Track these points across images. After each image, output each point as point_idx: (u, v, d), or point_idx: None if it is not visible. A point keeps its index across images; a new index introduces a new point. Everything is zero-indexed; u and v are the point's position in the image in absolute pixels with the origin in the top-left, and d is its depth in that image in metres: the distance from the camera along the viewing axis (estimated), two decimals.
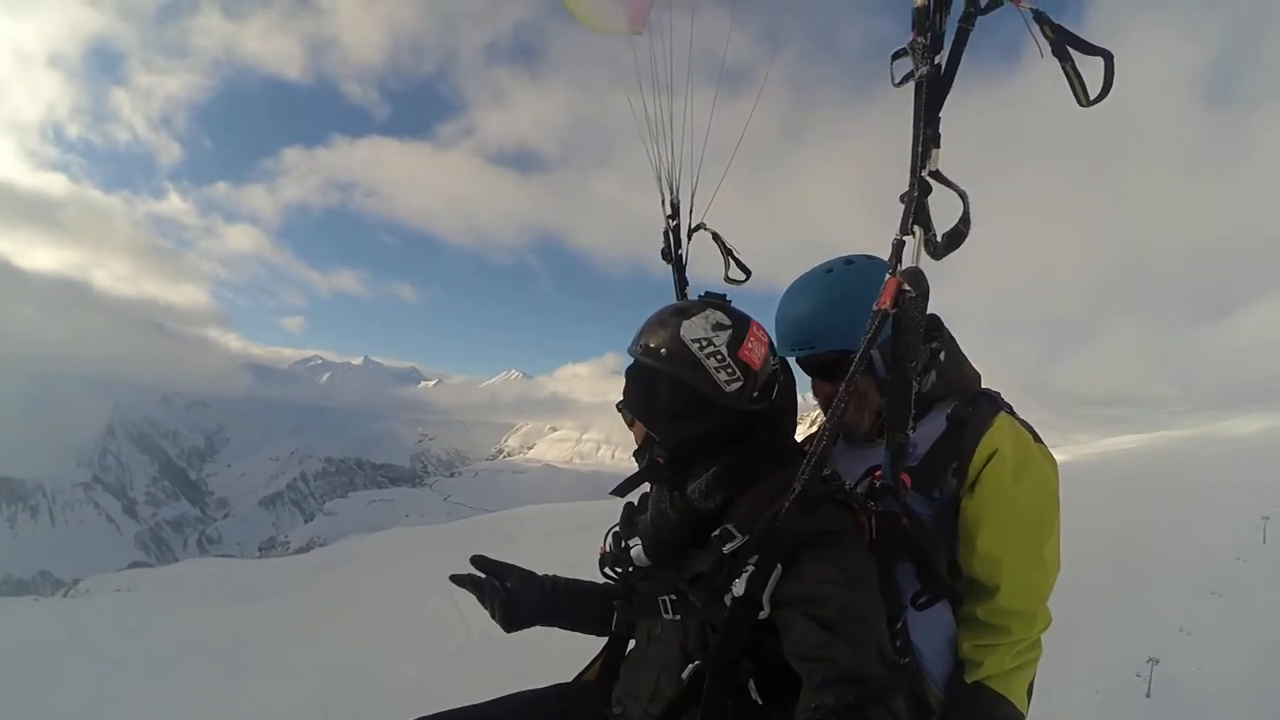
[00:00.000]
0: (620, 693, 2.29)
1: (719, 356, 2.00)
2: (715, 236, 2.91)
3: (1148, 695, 6.22)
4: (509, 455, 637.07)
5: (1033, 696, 2.20)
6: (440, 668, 9.14)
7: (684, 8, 2.77)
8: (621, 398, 2.23)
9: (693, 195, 2.91)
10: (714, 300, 2.17)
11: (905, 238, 1.85)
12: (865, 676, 1.63)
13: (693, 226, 2.96)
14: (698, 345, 2.01)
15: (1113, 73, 1.65)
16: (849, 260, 2.37)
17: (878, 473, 1.99)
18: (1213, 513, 13.39)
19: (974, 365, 2.36)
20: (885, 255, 1.95)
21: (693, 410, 2.04)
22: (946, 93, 1.77)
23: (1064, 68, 1.69)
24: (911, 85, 1.79)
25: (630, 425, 2.23)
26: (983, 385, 2.32)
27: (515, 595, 2.37)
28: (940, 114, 1.77)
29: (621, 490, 2.27)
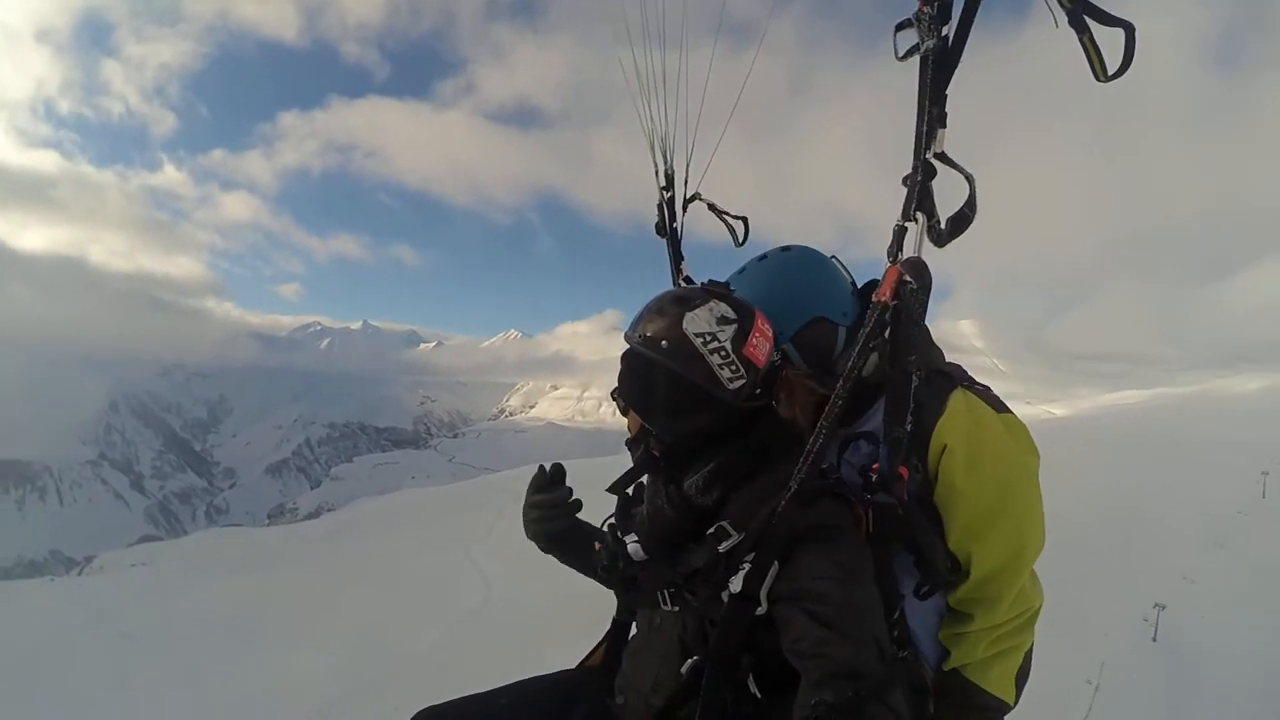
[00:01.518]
0: (622, 681, 2.28)
1: (723, 353, 1.92)
2: (711, 206, 2.81)
3: (1154, 639, 6.45)
4: (511, 415, 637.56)
5: (1028, 677, 2.15)
6: (461, 627, 9.24)
7: None
8: (616, 385, 2.14)
9: (688, 165, 2.76)
10: (718, 290, 2.06)
11: (907, 224, 1.78)
12: (864, 673, 1.62)
13: (688, 198, 2.84)
14: (701, 340, 1.92)
15: (1134, 45, 1.50)
16: (785, 249, 2.35)
17: (874, 466, 1.91)
18: (1213, 468, 13.59)
19: (936, 341, 2.24)
20: (892, 239, 1.88)
21: (692, 406, 1.97)
22: (954, 68, 1.64)
23: (1081, 39, 1.54)
24: (916, 60, 1.68)
25: (624, 414, 2.16)
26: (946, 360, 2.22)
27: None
28: (947, 91, 1.65)
29: (618, 486, 2.24)
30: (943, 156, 1.69)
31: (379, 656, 8.77)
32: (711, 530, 1.88)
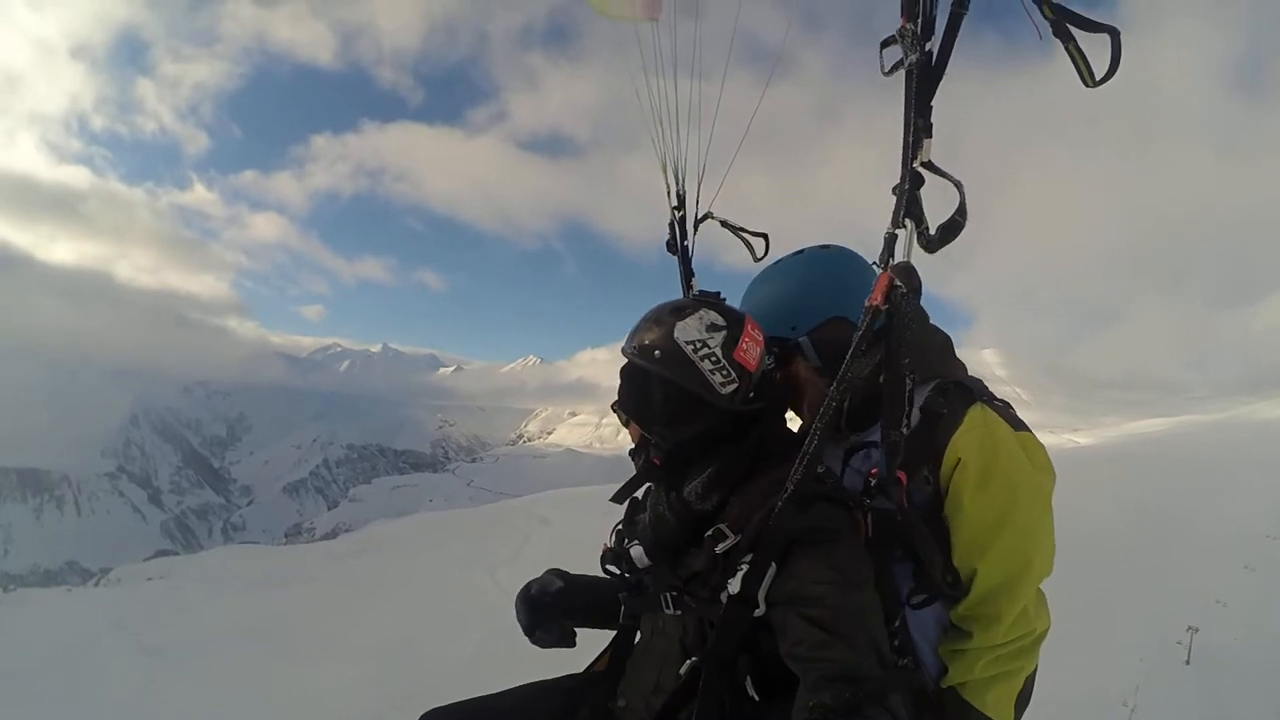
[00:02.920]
0: (624, 685, 2.31)
1: (714, 359, 2.00)
2: (724, 223, 2.85)
3: (1187, 662, 6.40)
4: (529, 440, 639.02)
5: (1027, 702, 2.11)
6: (490, 645, 9.26)
7: None
8: (616, 398, 2.22)
9: (699, 185, 2.84)
10: (708, 299, 2.16)
11: (897, 231, 1.82)
12: (862, 676, 1.63)
13: (699, 216, 2.89)
14: (692, 347, 2.00)
15: (1119, 49, 1.53)
16: (824, 247, 2.38)
17: (873, 470, 1.92)
18: (1243, 492, 13.49)
19: (956, 352, 2.26)
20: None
21: (688, 413, 2.05)
22: (938, 81, 1.70)
23: (1066, 48, 1.58)
24: (901, 74, 1.72)
25: (626, 425, 2.21)
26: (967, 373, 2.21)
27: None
28: (932, 103, 1.71)
29: (620, 496, 2.32)
30: (930, 165, 1.73)
31: (409, 670, 8.76)
32: (710, 533, 1.92)
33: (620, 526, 2.35)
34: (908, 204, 1.76)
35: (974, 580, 1.91)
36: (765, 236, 2.76)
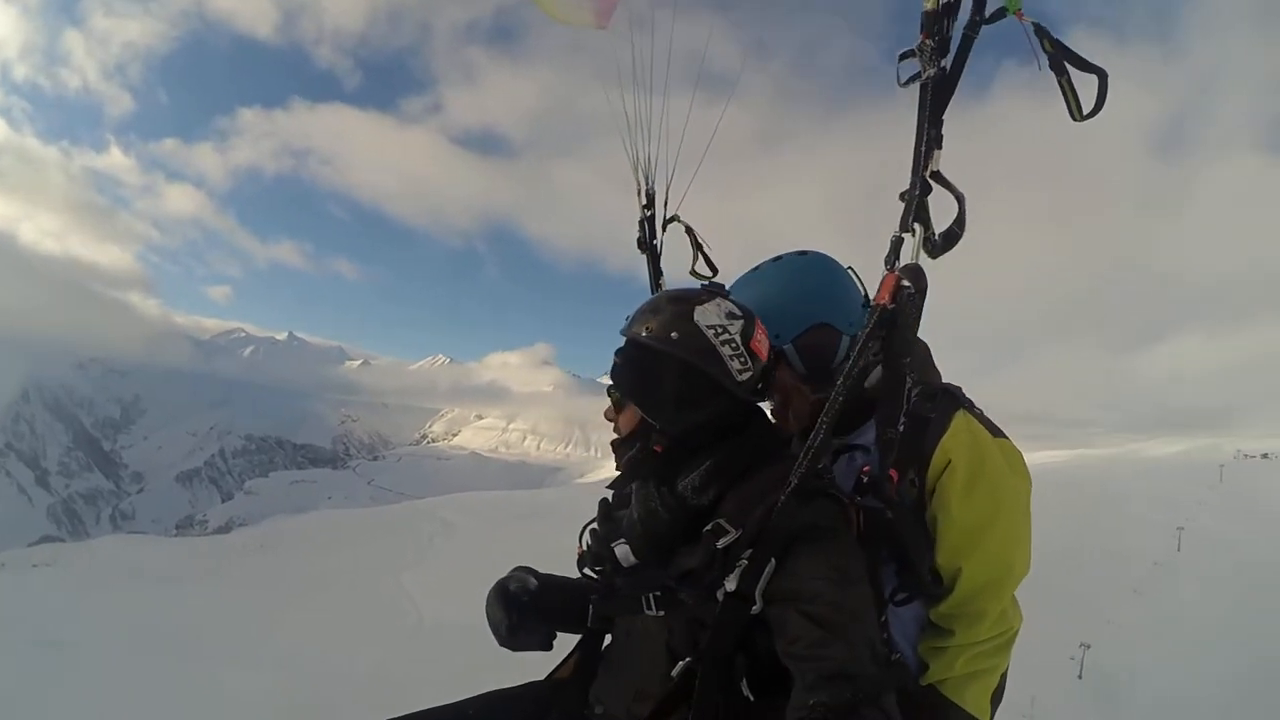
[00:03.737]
0: (600, 691, 2.23)
1: (734, 344, 1.97)
2: (688, 230, 2.88)
3: (1080, 676, 6.81)
4: (433, 441, 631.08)
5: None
6: (398, 652, 9.11)
7: (667, 5, 2.73)
8: (613, 380, 2.14)
9: (668, 188, 2.89)
10: (720, 290, 2.15)
11: (904, 235, 1.89)
12: (859, 675, 1.61)
13: (667, 218, 2.93)
14: (713, 331, 1.97)
15: (1106, 90, 1.68)
16: (802, 253, 2.40)
17: (865, 468, 1.97)
18: (1133, 522, 14.30)
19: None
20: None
21: (701, 396, 2.00)
22: (951, 95, 1.80)
23: (1060, 81, 1.72)
24: (914, 86, 1.82)
25: (618, 411, 2.15)
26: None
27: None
28: (943, 116, 1.81)
29: (619, 484, 2.23)
30: (938, 176, 1.83)
31: (318, 680, 8.51)
32: (709, 527, 1.87)
33: (593, 527, 2.25)
34: (916, 209, 1.85)
35: (958, 580, 1.98)
36: (715, 269, 2.83)
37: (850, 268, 2.39)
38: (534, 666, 2.42)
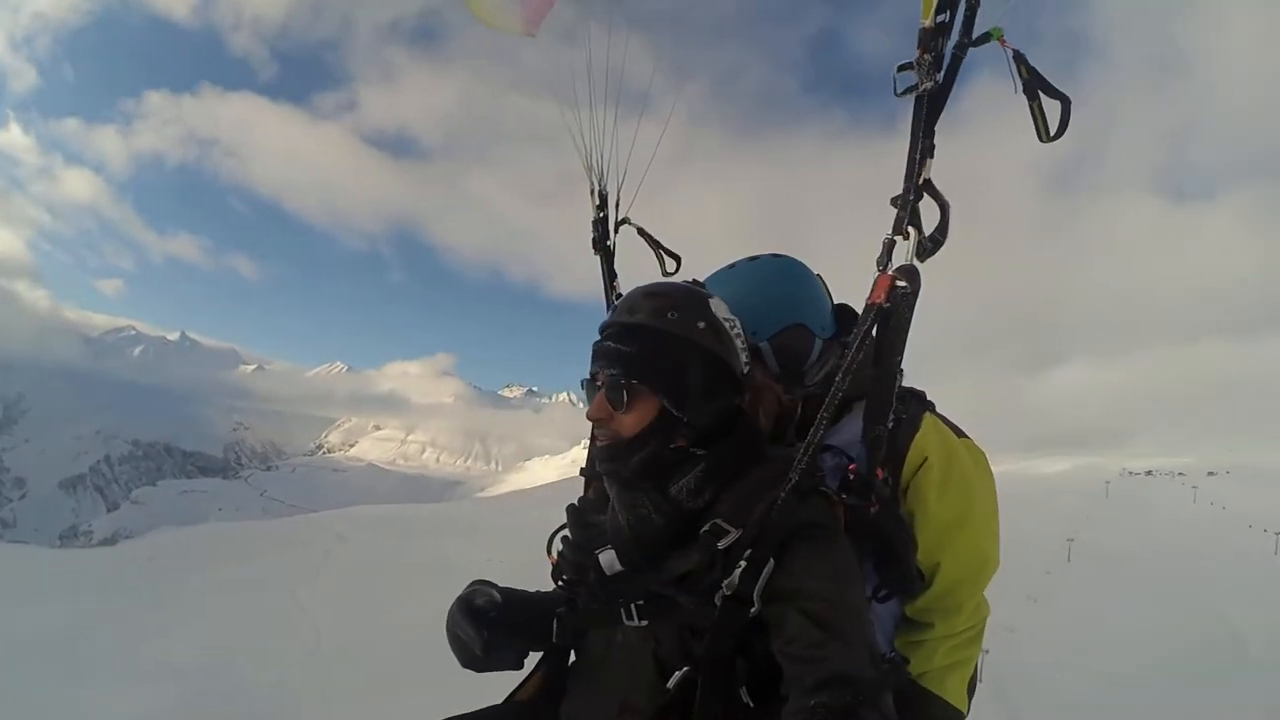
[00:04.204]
0: (575, 710, 2.11)
1: (741, 339, 1.97)
2: (641, 231, 2.88)
3: (979, 680, 7.01)
4: (329, 452, 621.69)
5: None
6: (297, 671, 8.87)
7: (600, 20, 2.75)
8: (625, 369, 1.90)
9: (619, 189, 2.87)
10: (703, 288, 2.10)
11: (897, 238, 1.94)
12: (858, 677, 1.58)
13: (619, 220, 2.92)
14: (729, 324, 1.95)
15: (1069, 114, 1.80)
16: (777, 255, 2.42)
17: (851, 465, 1.96)
18: (1025, 535, 14.92)
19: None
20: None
21: (724, 386, 1.94)
22: (943, 108, 1.89)
23: (1031, 105, 1.83)
24: (907, 97, 1.91)
25: (622, 408, 1.91)
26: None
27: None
28: (935, 127, 1.90)
29: (632, 484, 1.99)
30: (928, 184, 1.90)
31: (214, 698, 8.24)
32: (707, 528, 1.81)
33: (565, 535, 2.16)
34: (910, 214, 1.91)
35: (937, 574, 2.02)
36: (677, 258, 2.82)
37: (819, 275, 2.43)
38: (454, 685, 2.22)
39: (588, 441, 2.33)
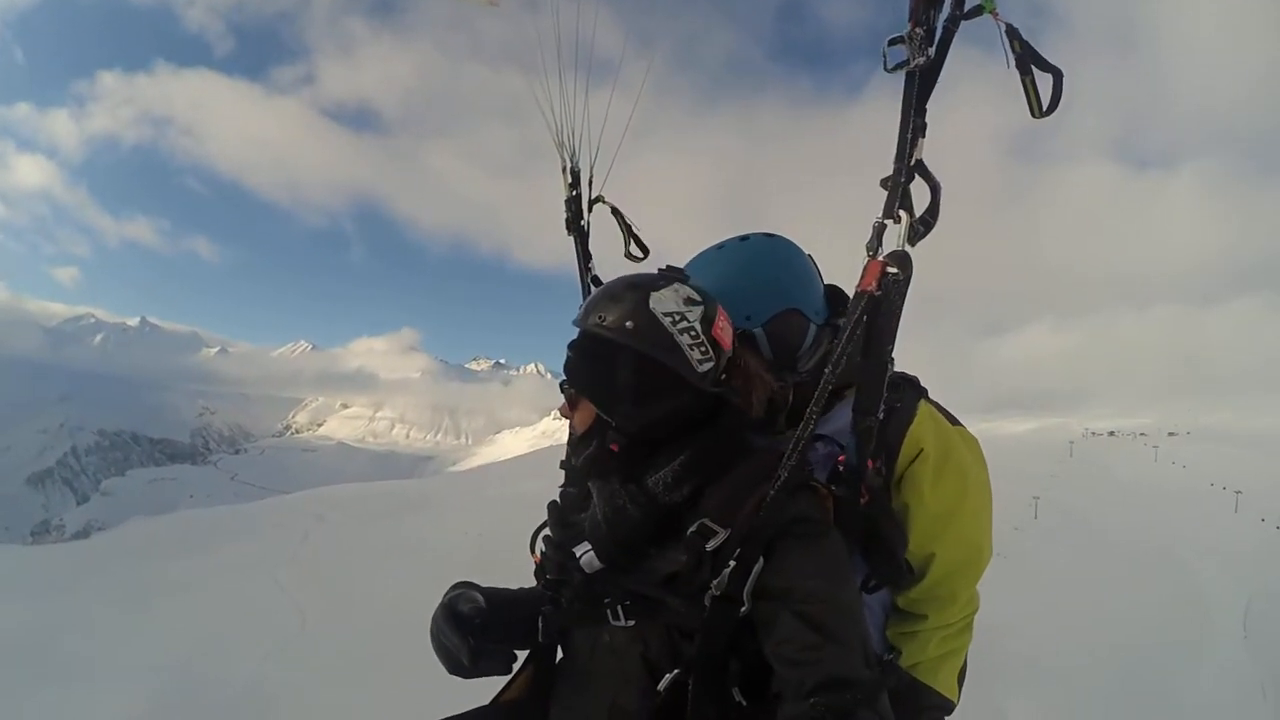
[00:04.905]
0: (564, 712, 2.06)
1: (693, 333, 1.85)
2: (615, 211, 2.76)
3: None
4: (298, 432, 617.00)
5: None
6: (276, 660, 8.86)
7: None
8: (566, 376, 1.98)
9: (592, 167, 2.76)
10: (678, 275, 1.99)
11: (887, 221, 1.87)
12: (855, 679, 1.56)
13: (592, 199, 2.79)
14: (670, 320, 1.84)
15: (1061, 88, 1.73)
16: (770, 235, 2.34)
17: (840, 458, 1.94)
18: (993, 493, 15.32)
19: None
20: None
21: (660, 390, 1.87)
22: (934, 84, 1.81)
23: (1023, 80, 1.75)
24: (897, 73, 1.83)
25: (572, 409, 1.99)
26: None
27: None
28: (927, 104, 1.81)
29: (574, 485, 2.12)
30: (919, 165, 1.83)
31: (194, 691, 8.18)
32: (694, 529, 1.75)
33: (546, 533, 2.10)
34: (901, 197, 1.85)
35: (931, 564, 2.00)
36: (646, 249, 2.74)
37: (810, 256, 2.36)
38: (439, 675, 2.05)
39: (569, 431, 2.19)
